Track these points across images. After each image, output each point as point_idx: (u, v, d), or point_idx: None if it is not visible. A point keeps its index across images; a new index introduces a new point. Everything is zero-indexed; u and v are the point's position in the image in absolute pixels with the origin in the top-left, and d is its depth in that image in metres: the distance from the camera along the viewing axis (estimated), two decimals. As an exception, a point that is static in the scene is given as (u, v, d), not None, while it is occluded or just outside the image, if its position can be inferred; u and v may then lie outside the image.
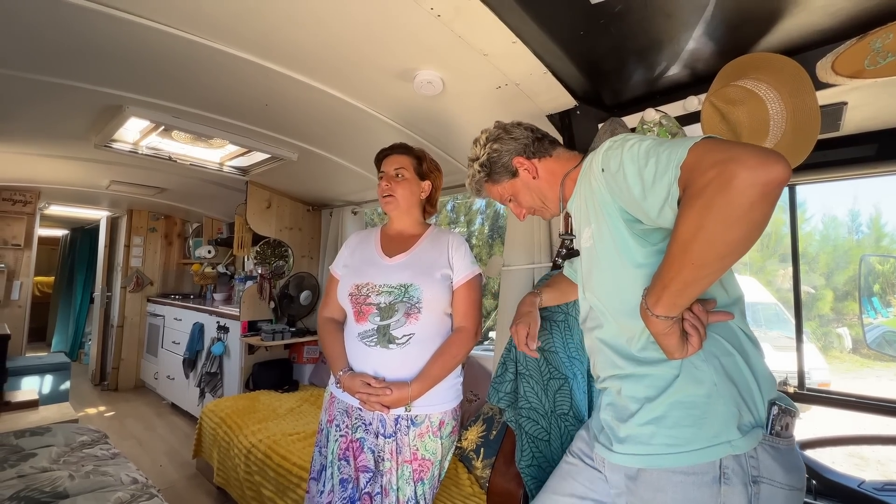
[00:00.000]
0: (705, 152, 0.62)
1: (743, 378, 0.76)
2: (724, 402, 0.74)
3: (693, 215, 0.61)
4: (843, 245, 9.62)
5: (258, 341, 2.78)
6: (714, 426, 0.73)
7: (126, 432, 3.23)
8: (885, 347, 1.43)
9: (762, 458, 0.73)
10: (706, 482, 0.72)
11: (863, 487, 1.14)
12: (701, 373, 0.75)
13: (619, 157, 0.75)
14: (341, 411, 1.23)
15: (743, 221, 0.58)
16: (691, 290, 0.66)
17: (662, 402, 0.77)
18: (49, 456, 1.62)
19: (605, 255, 0.83)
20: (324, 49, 1.31)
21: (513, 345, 1.24)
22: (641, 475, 0.79)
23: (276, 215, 3.15)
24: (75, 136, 2.20)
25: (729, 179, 0.57)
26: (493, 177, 1.05)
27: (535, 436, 1.16)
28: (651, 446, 0.78)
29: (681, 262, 0.64)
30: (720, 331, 0.78)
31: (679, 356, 0.73)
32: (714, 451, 0.73)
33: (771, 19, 1.00)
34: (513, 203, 1.08)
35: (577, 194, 0.93)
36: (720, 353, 0.76)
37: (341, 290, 1.28)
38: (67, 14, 1.16)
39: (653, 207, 0.70)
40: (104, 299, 4.40)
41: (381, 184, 1.34)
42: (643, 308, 0.72)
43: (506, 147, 1.02)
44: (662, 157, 0.68)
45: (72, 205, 3.96)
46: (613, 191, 0.78)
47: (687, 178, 0.63)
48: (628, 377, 0.84)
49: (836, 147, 1.28)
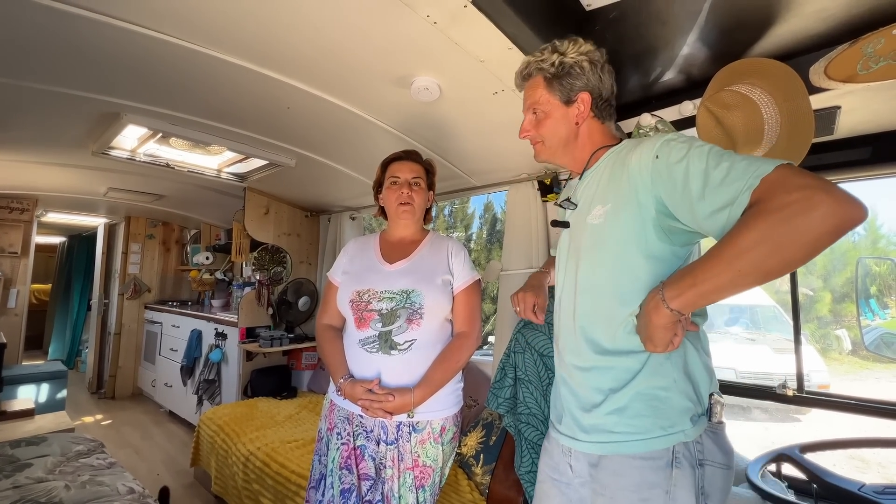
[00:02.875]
0: (794, 174, 0.63)
1: (697, 374, 0.83)
2: (680, 397, 0.81)
3: (762, 226, 0.62)
4: (841, 247, 9.65)
5: (256, 348, 2.77)
6: (671, 417, 0.80)
7: (123, 441, 3.20)
8: (882, 349, 1.43)
9: (706, 443, 0.81)
10: (660, 466, 0.79)
11: (863, 491, 1.14)
12: (664, 368, 0.81)
13: (684, 151, 0.75)
14: (342, 419, 1.22)
15: (809, 246, 0.61)
16: (718, 295, 0.68)
17: (626, 393, 0.82)
18: (45, 466, 1.60)
19: (615, 237, 0.83)
20: (321, 56, 1.32)
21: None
22: (602, 462, 0.84)
23: (275, 221, 3.15)
24: (73, 143, 2.20)
25: (816, 205, 0.59)
26: (554, 82, 0.93)
27: (534, 441, 1.15)
28: (613, 434, 0.83)
29: (727, 265, 0.65)
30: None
31: (661, 350, 0.77)
32: (669, 440, 0.79)
33: (764, 25, 1.01)
34: (534, 116, 0.98)
35: (598, 169, 0.92)
36: (681, 353, 0.83)
37: (341, 296, 1.27)
38: (64, 22, 1.17)
39: (707, 208, 0.70)
40: (101, 307, 4.38)
41: (399, 190, 1.30)
42: (657, 298, 0.73)
43: (589, 77, 0.93)
44: (740, 164, 0.68)
45: (69, 212, 3.95)
46: (661, 179, 0.77)
47: (765, 192, 0.64)
48: (593, 369, 0.87)
49: (831, 150, 1.29)
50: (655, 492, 0.78)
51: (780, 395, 1.39)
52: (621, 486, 0.81)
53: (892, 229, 9.00)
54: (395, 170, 1.33)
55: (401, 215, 1.31)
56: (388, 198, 1.33)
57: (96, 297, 4.41)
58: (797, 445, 1.38)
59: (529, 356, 1.19)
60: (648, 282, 0.80)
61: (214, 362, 3.08)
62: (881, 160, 1.24)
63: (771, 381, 1.42)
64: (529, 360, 1.19)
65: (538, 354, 1.19)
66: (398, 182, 1.31)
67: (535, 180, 1.91)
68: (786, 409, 5.20)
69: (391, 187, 1.32)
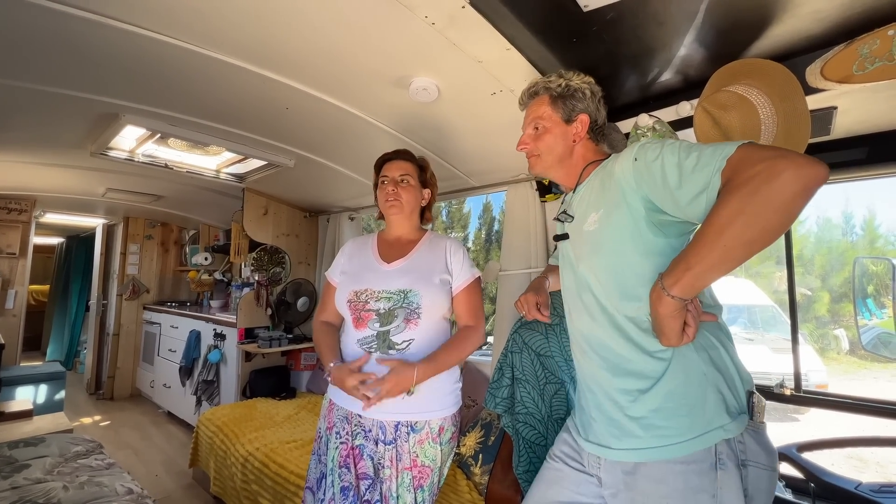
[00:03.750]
0: (754, 150, 0.68)
1: (727, 368, 0.82)
2: (713, 390, 0.79)
3: (735, 201, 0.66)
4: (838, 247, 9.69)
5: (255, 348, 2.77)
6: (707, 413, 0.78)
7: (122, 442, 3.19)
8: (879, 349, 1.43)
9: (748, 443, 0.79)
10: (704, 469, 0.76)
11: (860, 489, 1.14)
12: (691, 363, 0.80)
13: (658, 150, 0.80)
14: (341, 418, 1.22)
15: (782, 211, 0.64)
16: (712, 274, 0.71)
17: (656, 393, 0.81)
18: (43, 467, 1.60)
19: (610, 239, 0.87)
20: (320, 57, 1.32)
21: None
22: (640, 469, 0.81)
23: (273, 222, 3.15)
24: (71, 144, 2.20)
25: (778, 172, 0.63)
26: (559, 101, 1.02)
27: (532, 441, 1.15)
28: (648, 439, 0.80)
29: (712, 243, 0.68)
30: (707, 327, 0.84)
31: (675, 343, 0.76)
32: (710, 437, 0.77)
33: (760, 25, 1.01)
34: (535, 131, 1.05)
35: (590, 182, 0.98)
36: (708, 346, 0.83)
37: (339, 296, 1.27)
38: (62, 23, 1.17)
39: (686, 195, 0.75)
40: (100, 307, 4.38)
41: (385, 188, 1.32)
42: (658, 289, 0.75)
43: (589, 103, 1.03)
44: (707, 151, 0.74)
45: (67, 213, 3.94)
46: (642, 178, 0.81)
47: (732, 170, 0.69)
48: (617, 374, 0.86)
49: (827, 150, 1.29)
50: (702, 497, 0.75)
51: (777, 395, 1.39)
52: (664, 494, 0.78)
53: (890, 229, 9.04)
54: (385, 169, 1.36)
55: (389, 213, 1.33)
56: (379, 197, 1.35)
57: (95, 298, 4.41)
58: (795, 445, 1.38)
59: (527, 356, 1.20)
60: (651, 278, 0.80)
61: (213, 363, 3.07)
62: (877, 160, 1.24)
63: (769, 381, 1.43)
64: (526, 359, 1.19)
65: (535, 354, 1.19)
66: (386, 181, 1.33)
67: (533, 181, 1.92)
68: (784, 408, 5.21)
69: (381, 187, 1.34)
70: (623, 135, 1.35)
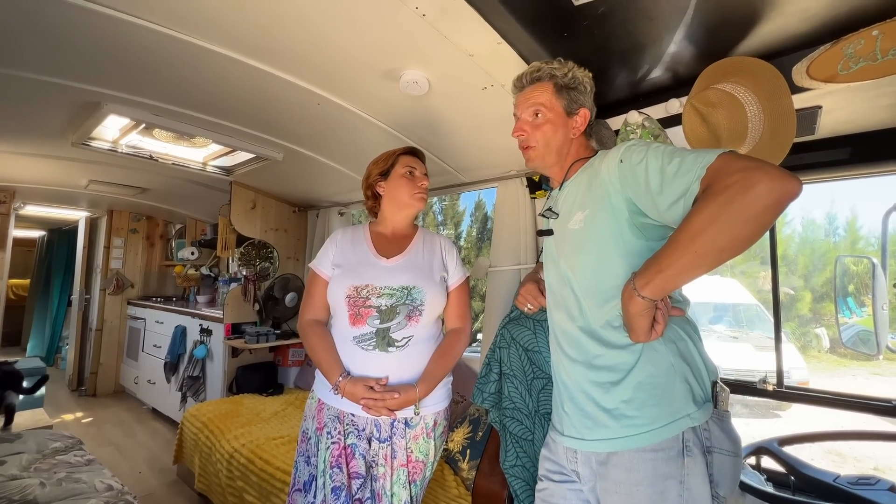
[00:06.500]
0: (733, 160, 0.70)
1: (694, 359, 0.86)
2: (680, 380, 0.83)
3: (710, 209, 0.67)
4: (821, 247, 9.90)
5: (242, 344, 2.73)
6: (674, 402, 0.81)
7: (104, 439, 3.13)
8: (859, 346, 1.47)
9: (713, 430, 0.82)
10: (672, 456, 0.80)
11: (838, 482, 1.17)
12: (660, 355, 0.83)
13: (643, 152, 0.81)
14: (332, 417, 1.19)
15: (753, 221, 0.65)
16: (683, 277, 0.73)
17: (627, 385, 0.84)
18: (19, 463, 1.56)
19: (594, 239, 0.88)
20: (309, 47, 1.30)
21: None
22: (612, 458, 0.84)
23: (261, 216, 3.11)
24: (51, 133, 2.13)
25: (753, 183, 0.64)
26: (564, 91, 0.99)
27: (519, 436, 1.16)
28: (619, 429, 0.84)
29: (684, 248, 0.69)
30: (675, 321, 0.87)
31: (644, 339, 0.80)
32: (677, 426, 0.80)
33: (749, 23, 1.02)
34: (536, 118, 1.00)
35: (576, 179, 0.99)
36: (676, 339, 0.86)
37: (335, 291, 1.22)
38: (42, 8, 1.13)
39: (666, 200, 0.76)
40: (82, 302, 4.28)
41: (418, 182, 1.31)
42: (629, 289, 0.78)
43: (588, 98, 1.02)
44: (689, 157, 0.75)
45: (49, 205, 3.84)
46: (626, 181, 0.83)
47: (711, 179, 0.70)
48: (591, 367, 0.89)
49: (812, 150, 1.31)
50: (670, 483, 0.79)
51: (760, 390, 1.42)
52: (636, 481, 0.81)
53: (871, 231, 9.25)
54: (410, 161, 1.34)
55: (416, 205, 1.32)
56: (401, 186, 1.31)
57: (77, 293, 4.31)
58: (776, 439, 1.41)
59: (514, 351, 1.20)
60: (627, 278, 0.82)
61: (199, 359, 3.03)
62: (860, 160, 1.26)
63: (753, 378, 1.45)
64: (514, 355, 1.19)
65: (523, 349, 1.19)
66: (415, 174, 1.33)
67: (523, 177, 1.92)
68: (766, 405, 5.32)
69: (407, 177, 1.31)
70: (612, 131, 1.35)
